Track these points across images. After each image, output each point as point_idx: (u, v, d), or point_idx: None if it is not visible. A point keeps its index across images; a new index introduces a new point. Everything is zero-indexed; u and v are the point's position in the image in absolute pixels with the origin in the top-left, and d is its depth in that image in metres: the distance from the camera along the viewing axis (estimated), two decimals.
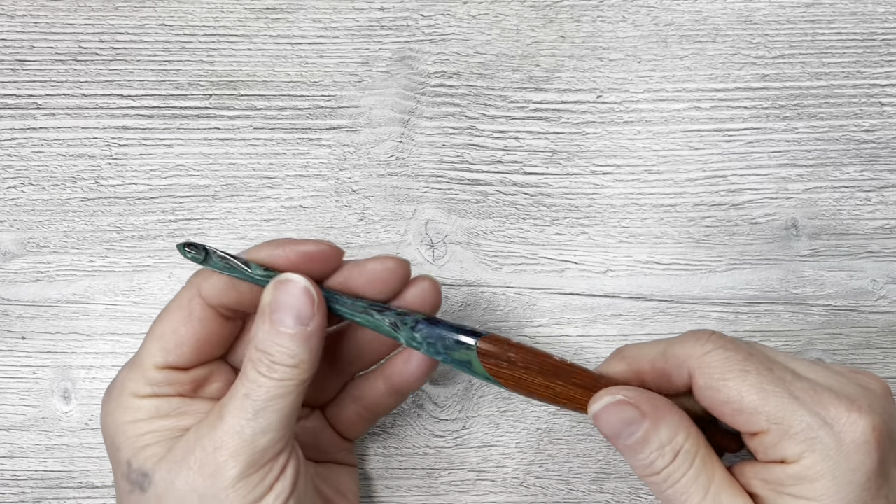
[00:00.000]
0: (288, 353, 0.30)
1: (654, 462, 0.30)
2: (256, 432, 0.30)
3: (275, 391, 0.30)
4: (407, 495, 0.40)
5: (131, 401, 0.32)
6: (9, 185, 0.41)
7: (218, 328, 0.33)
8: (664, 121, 0.41)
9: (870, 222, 0.41)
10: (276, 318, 0.31)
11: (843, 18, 0.41)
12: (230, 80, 0.41)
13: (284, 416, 0.31)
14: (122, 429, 0.32)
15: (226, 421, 0.30)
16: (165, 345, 0.32)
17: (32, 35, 0.41)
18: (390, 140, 0.41)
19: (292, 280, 0.31)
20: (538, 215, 0.41)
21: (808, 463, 0.29)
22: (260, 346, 0.31)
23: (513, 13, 0.41)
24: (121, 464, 0.32)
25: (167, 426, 0.32)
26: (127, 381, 0.32)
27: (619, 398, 0.31)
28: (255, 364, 0.31)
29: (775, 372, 0.30)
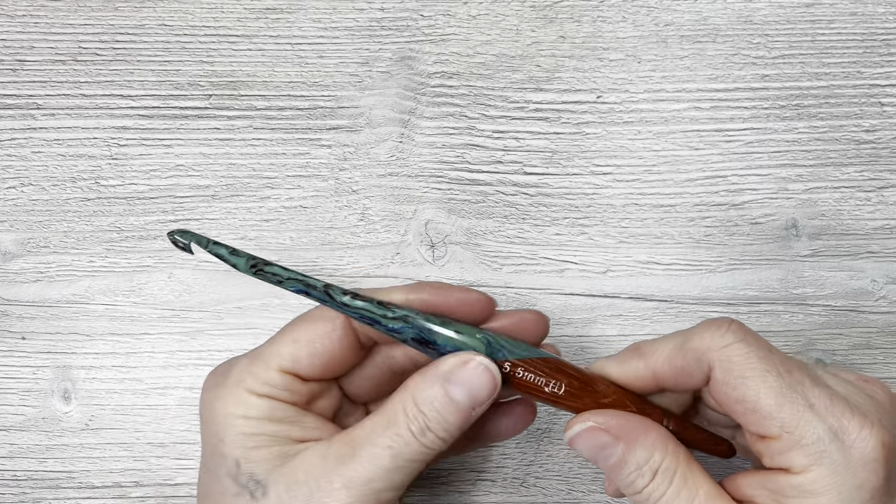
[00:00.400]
0: (445, 426, 0.30)
1: (635, 482, 0.30)
2: (386, 486, 0.30)
3: (417, 455, 0.30)
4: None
5: (245, 395, 0.31)
6: (9, 185, 0.41)
7: (352, 352, 0.32)
8: (664, 121, 0.41)
9: (870, 222, 0.41)
10: (452, 389, 0.30)
11: (843, 18, 0.41)
12: (230, 80, 0.41)
13: (413, 478, 0.30)
14: (230, 421, 0.31)
15: (360, 464, 0.30)
16: (298, 351, 0.31)
17: (32, 35, 0.41)
18: (390, 140, 0.41)
19: (483, 363, 0.30)
20: (538, 215, 0.41)
21: (814, 476, 0.28)
22: (422, 406, 0.30)
23: (513, 13, 0.41)
24: (226, 458, 0.30)
25: (278, 432, 0.31)
26: (246, 374, 0.31)
27: (590, 424, 0.31)
28: (409, 420, 0.30)
29: (794, 375, 0.29)
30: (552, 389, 0.31)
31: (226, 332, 0.40)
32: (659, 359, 0.31)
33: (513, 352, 0.31)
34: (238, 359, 0.32)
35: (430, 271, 0.41)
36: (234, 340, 0.40)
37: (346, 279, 0.40)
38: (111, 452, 0.40)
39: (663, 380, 0.32)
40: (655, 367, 0.31)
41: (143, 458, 0.40)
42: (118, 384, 0.40)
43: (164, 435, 0.40)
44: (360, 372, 0.34)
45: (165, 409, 0.40)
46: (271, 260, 0.31)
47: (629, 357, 0.32)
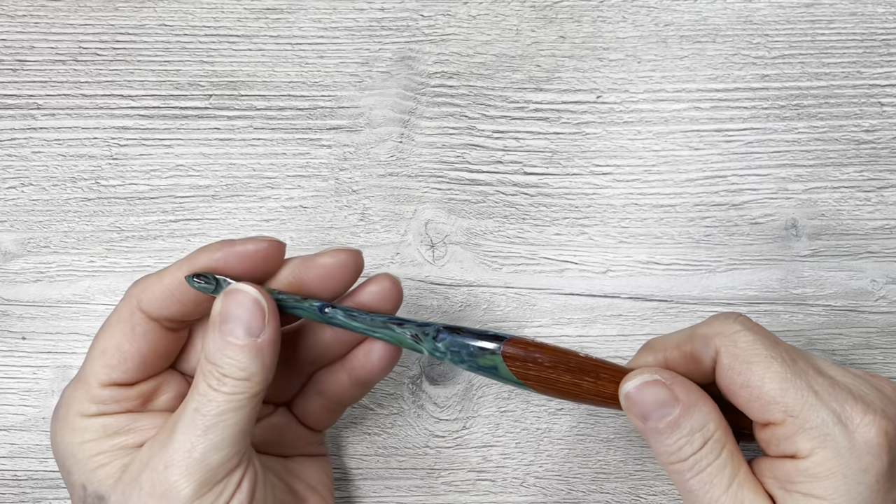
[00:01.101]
0: (238, 366, 0.30)
1: (682, 448, 0.30)
2: (208, 450, 0.29)
3: (225, 405, 0.29)
4: (407, 495, 0.40)
5: (78, 421, 0.31)
6: (9, 186, 0.41)
7: (162, 340, 0.32)
8: (664, 121, 0.41)
9: (870, 222, 0.41)
10: (226, 328, 0.30)
11: (843, 18, 0.41)
12: (230, 80, 0.41)
13: (238, 431, 0.30)
14: (71, 451, 0.31)
15: (176, 438, 0.29)
16: (109, 361, 0.31)
17: (32, 35, 0.41)
18: (390, 140, 0.41)
19: (242, 290, 0.30)
20: (538, 215, 0.41)
21: (818, 459, 0.29)
22: (210, 357, 0.30)
23: (513, 13, 0.41)
24: (75, 487, 0.31)
25: (118, 444, 0.31)
26: (72, 400, 0.31)
27: (655, 377, 0.30)
28: (205, 377, 0.30)
29: (798, 364, 0.30)
30: (586, 353, 0.32)
31: None
32: (668, 347, 0.32)
33: None
34: (65, 388, 0.32)
35: (430, 271, 0.41)
36: None
37: None
38: None
39: (674, 366, 0.32)
40: (666, 354, 0.32)
41: None
42: None
43: None
44: (194, 354, 0.34)
45: None
46: None
47: (641, 354, 0.33)
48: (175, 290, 0.31)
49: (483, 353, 0.32)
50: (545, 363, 0.32)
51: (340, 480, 0.40)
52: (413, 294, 0.40)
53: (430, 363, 0.40)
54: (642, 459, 0.40)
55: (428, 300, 0.40)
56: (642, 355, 0.33)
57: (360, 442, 0.40)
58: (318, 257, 0.32)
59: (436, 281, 0.41)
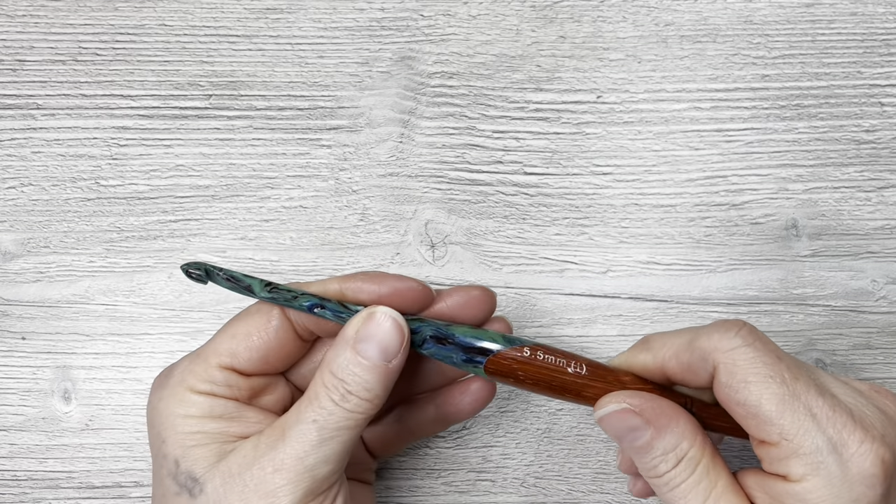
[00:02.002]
0: (365, 387, 0.30)
1: (657, 466, 0.30)
2: (319, 461, 0.30)
3: (344, 422, 0.30)
4: (407, 495, 0.40)
5: (186, 394, 0.31)
6: (9, 186, 0.41)
7: (290, 344, 0.32)
8: (664, 121, 0.41)
9: (870, 222, 0.41)
10: (361, 348, 0.30)
11: (843, 18, 0.41)
12: (230, 80, 0.41)
13: (347, 448, 0.30)
14: (171, 421, 0.31)
15: (289, 444, 0.30)
16: (236, 346, 0.32)
17: (32, 35, 0.41)
18: (390, 140, 0.41)
19: (386, 314, 0.31)
20: (538, 215, 0.41)
21: (809, 486, 0.28)
22: (338, 373, 0.30)
23: (513, 13, 0.41)
24: (167, 458, 0.31)
25: (218, 429, 0.31)
26: (187, 372, 0.31)
27: (623, 406, 0.31)
28: (328, 391, 0.30)
29: (799, 382, 0.29)
30: (575, 370, 0.32)
31: None
32: (666, 353, 0.31)
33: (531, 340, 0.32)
34: (181, 359, 0.33)
35: (430, 271, 0.41)
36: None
37: None
38: (111, 452, 0.40)
39: (670, 374, 0.32)
40: (662, 361, 0.32)
41: (143, 458, 0.40)
42: (118, 384, 0.40)
43: None
44: (308, 365, 0.34)
45: None
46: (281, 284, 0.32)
47: (638, 350, 0.32)
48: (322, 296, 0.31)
49: (468, 364, 0.32)
50: (526, 381, 0.32)
51: None
52: None
53: None
54: None
55: None
56: (639, 354, 0.33)
57: None
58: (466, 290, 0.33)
59: (436, 281, 0.41)
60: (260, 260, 0.40)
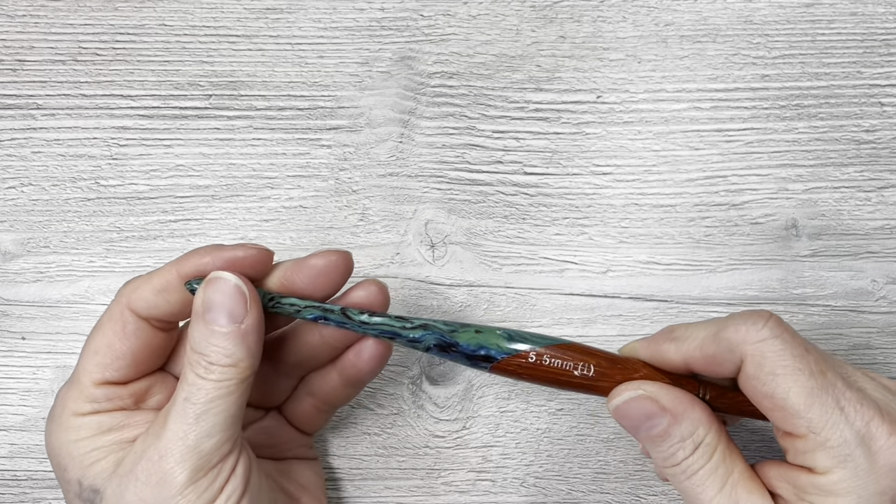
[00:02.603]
0: (224, 353, 0.30)
1: (675, 454, 0.30)
2: (200, 436, 0.30)
3: (214, 392, 0.30)
4: (407, 495, 0.40)
5: (72, 420, 0.31)
6: (9, 186, 0.41)
7: (153, 339, 0.32)
8: (664, 121, 0.41)
9: (870, 222, 0.41)
10: (209, 317, 0.30)
11: (843, 18, 0.41)
12: (230, 80, 0.41)
13: (228, 417, 0.30)
14: (66, 449, 0.31)
15: (169, 428, 0.30)
16: (102, 360, 0.32)
17: (32, 35, 0.41)
18: (390, 140, 0.41)
19: (222, 278, 0.31)
20: (538, 215, 0.41)
21: (836, 478, 0.28)
22: (196, 347, 0.30)
23: (513, 13, 0.41)
24: (70, 483, 0.31)
25: (112, 440, 0.31)
26: (67, 399, 0.32)
27: (639, 393, 0.31)
28: (192, 366, 0.30)
29: (827, 376, 0.29)
30: (582, 372, 0.32)
31: None
32: (691, 345, 0.31)
33: (534, 341, 0.32)
34: (60, 390, 0.33)
35: (430, 271, 0.41)
36: None
37: None
38: None
39: (694, 366, 0.31)
40: (687, 353, 0.31)
41: None
42: None
43: None
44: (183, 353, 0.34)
45: None
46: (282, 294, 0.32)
47: (661, 340, 0.32)
48: (164, 290, 0.31)
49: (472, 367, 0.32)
50: (533, 381, 0.32)
51: (341, 480, 0.40)
52: (413, 294, 0.40)
53: (429, 363, 0.40)
54: (642, 459, 0.40)
55: (428, 300, 0.40)
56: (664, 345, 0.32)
57: (360, 442, 0.40)
58: (308, 259, 0.33)
59: (436, 281, 0.41)
60: None
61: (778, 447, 0.31)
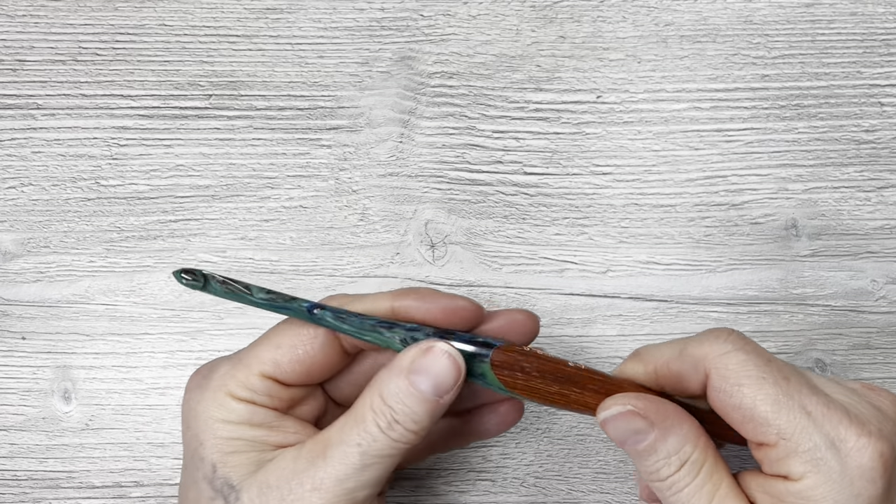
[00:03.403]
0: (413, 418, 0.30)
1: (660, 469, 0.30)
2: (359, 486, 0.30)
3: (388, 451, 0.30)
4: (407, 495, 0.40)
5: (226, 399, 0.31)
6: (9, 186, 0.41)
7: (334, 358, 0.32)
8: (664, 121, 0.41)
9: (870, 222, 0.41)
10: (416, 380, 0.30)
11: (843, 18, 0.41)
12: (230, 80, 0.41)
13: (385, 474, 0.30)
14: (210, 425, 0.31)
15: (330, 464, 0.29)
16: (280, 357, 0.31)
17: (32, 35, 0.41)
18: (390, 140, 0.41)
19: (447, 351, 0.30)
20: (538, 215, 0.41)
21: (810, 483, 0.28)
22: (388, 399, 0.30)
23: (513, 13, 0.41)
24: (203, 461, 0.31)
25: (256, 437, 0.31)
26: (228, 377, 0.31)
27: (627, 408, 0.30)
28: (376, 416, 0.30)
29: (791, 383, 0.29)
30: (574, 365, 0.32)
31: (226, 332, 0.40)
32: (658, 363, 0.31)
33: None
34: (221, 361, 0.32)
35: (430, 271, 0.41)
36: (234, 340, 0.40)
37: (346, 279, 0.40)
38: (111, 452, 0.40)
39: (663, 384, 0.32)
40: (655, 371, 0.32)
41: (143, 458, 0.40)
42: (118, 384, 0.40)
43: (164, 435, 0.40)
44: (346, 377, 0.34)
45: (165, 409, 0.40)
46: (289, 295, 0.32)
47: (631, 362, 0.33)
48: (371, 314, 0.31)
49: (472, 359, 0.32)
50: (533, 372, 0.32)
51: None
52: None
53: None
54: None
55: None
56: (631, 365, 0.33)
57: None
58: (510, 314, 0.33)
59: (436, 281, 0.41)
60: (260, 260, 0.40)
61: None
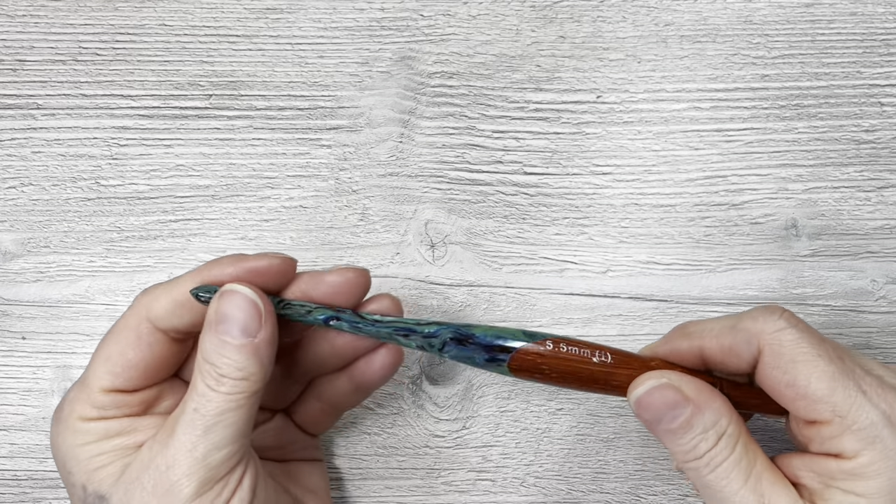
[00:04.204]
0: (235, 366, 0.30)
1: (698, 445, 0.30)
2: (209, 449, 0.29)
3: (224, 405, 0.29)
4: (407, 495, 0.40)
5: (78, 424, 0.31)
6: (9, 185, 0.41)
7: (168, 350, 0.32)
8: (664, 121, 0.41)
9: (870, 222, 0.41)
10: (222, 329, 0.30)
11: (843, 18, 0.41)
12: (230, 80, 0.41)
13: (237, 430, 0.30)
14: (72, 452, 0.31)
15: (177, 438, 0.29)
16: (112, 368, 0.31)
17: (32, 35, 0.41)
18: (390, 140, 0.41)
19: (237, 291, 0.30)
20: (538, 215, 0.41)
21: (865, 460, 0.28)
22: (207, 357, 0.30)
23: (513, 13, 0.42)
24: (76, 487, 0.31)
25: (118, 445, 0.31)
26: (74, 402, 0.32)
27: (662, 381, 0.30)
28: (203, 377, 0.30)
29: (846, 362, 0.29)
30: (601, 359, 0.31)
31: None
32: (706, 337, 0.31)
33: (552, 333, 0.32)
34: (68, 390, 0.32)
35: (430, 271, 0.41)
36: None
37: None
38: None
39: (710, 359, 0.31)
40: (702, 346, 0.31)
41: None
42: None
43: None
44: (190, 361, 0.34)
45: None
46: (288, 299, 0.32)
47: (675, 337, 0.32)
48: (185, 301, 0.31)
49: (489, 364, 0.32)
50: (552, 374, 0.31)
51: (340, 480, 0.40)
52: (413, 294, 0.40)
53: (430, 363, 0.40)
54: (642, 459, 0.40)
55: (428, 300, 0.40)
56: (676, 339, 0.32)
57: (360, 442, 0.40)
58: (326, 275, 0.32)
59: (436, 281, 0.41)
60: None
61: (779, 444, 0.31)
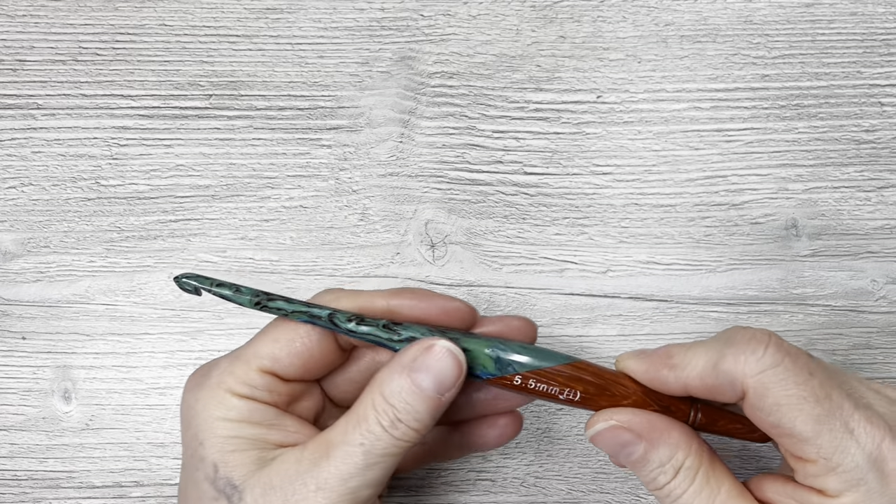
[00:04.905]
0: (416, 416, 0.30)
1: (657, 478, 0.30)
2: (362, 485, 0.29)
3: (391, 448, 0.30)
4: (407, 495, 0.40)
5: (226, 396, 0.31)
6: (9, 185, 0.41)
7: (331, 353, 0.32)
8: (664, 121, 0.41)
9: (870, 222, 0.41)
10: (417, 377, 0.30)
11: (843, 18, 0.41)
12: (230, 80, 0.41)
13: (387, 473, 0.30)
14: (210, 423, 0.30)
15: (333, 463, 0.29)
16: (279, 351, 0.31)
17: (32, 35, 0.41)
18: (390, 140, 0.41)
19: (447, 348, 0.30)
20: (538, 215, 0.41)
21: (848, 501, 0.28)
22: (390, 398, 0.30)
23: (513, 13, 0.41)
24: (204, 461, 0.30)
25: (257, 435, 0.31)
26: (226, 374, 0.31)
27: (611, 423, 0.31)
28: (378, 415, 0.30)
29: (833, 398, 0.29)
30: (567, 397, 0.31)
31: (226, 332, 0.40)
32: (691, 374, 0.30)
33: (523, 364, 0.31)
34: (219, 359, 0.32)
35: (430, 271, 0.41)
36: (235, 340, 0.40)
37: (346, 279, 0.40)
38: (111, 452, 0.40)
39: (695, 394, 0.31)
40: (686, 382, 0.31)
41: (144, 458, 0.40)
42: (118, 384, 0.40)
43: (165, 435, 0.40)
44: (343, 375, 0.34)
45: (165, 409, 0.40)
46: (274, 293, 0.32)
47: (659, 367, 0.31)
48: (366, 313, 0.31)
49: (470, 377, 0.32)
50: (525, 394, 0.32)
51: None
52: None
53: None
54: None
55: None
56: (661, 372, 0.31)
57: None
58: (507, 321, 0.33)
59: (436, 281, 0.41)
60: (260, 260, 0.40)
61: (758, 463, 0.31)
